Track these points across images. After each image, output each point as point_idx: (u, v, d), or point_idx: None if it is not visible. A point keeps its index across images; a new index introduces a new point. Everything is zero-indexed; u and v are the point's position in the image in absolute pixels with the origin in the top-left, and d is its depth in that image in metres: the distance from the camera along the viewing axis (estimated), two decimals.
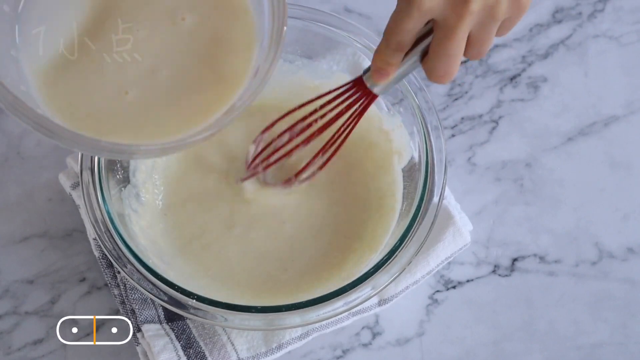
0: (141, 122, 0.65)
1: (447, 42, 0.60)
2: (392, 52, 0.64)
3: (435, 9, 0.59)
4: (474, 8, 0.58)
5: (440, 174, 0.76)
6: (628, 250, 0.87)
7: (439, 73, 0.63)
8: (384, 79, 0.67)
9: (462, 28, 0.59)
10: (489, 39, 0.62)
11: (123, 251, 0.73)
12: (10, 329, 0.82)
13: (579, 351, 0.83)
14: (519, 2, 0.59)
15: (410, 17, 0.60)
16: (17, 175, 0.88)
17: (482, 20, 0.60)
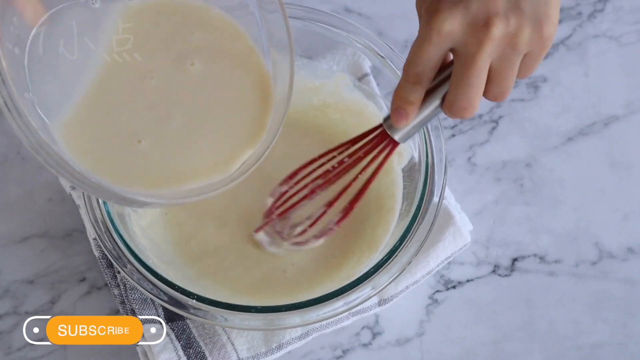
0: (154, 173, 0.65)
1: (467, 71, 0.58)
2: (411, 87, 0.61)
3: (456, 34, 0.57)
4: (495, 34, 0.56)
5: (440, 174, 0.76)
6: (628, 250, 0.87)
7: (460, 105, 0.60)
8: (404, 120, 0.63)
9: (483, 55, 0.57)
10: (511, 75, 0.59)
11: (123, 251, 0.73)
12: (10, 329, 0.82)
13: (579, 351, 0.83)
14: (542, 34, 0.57)
15: (430, 42, 0.58)
16: (17, 175, 0.88)
17: (503, 51, 0.58)
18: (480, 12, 0.57)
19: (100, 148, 0.65)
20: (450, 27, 0.57)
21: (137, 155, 0.66)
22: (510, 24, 0.57)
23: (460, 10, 0.57)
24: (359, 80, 0.86)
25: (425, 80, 0.61)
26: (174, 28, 0.69)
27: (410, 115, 0.63)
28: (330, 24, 0.82)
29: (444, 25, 0.57)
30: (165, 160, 0.66)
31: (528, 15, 0.57)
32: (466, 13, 0.57)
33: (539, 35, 0.57)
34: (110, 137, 0.66)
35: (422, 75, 0.61)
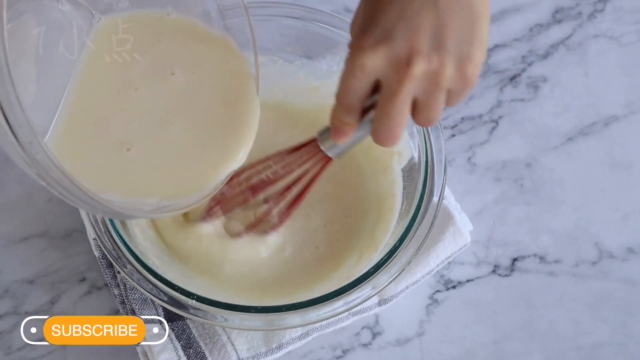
0: (146, 182, 0.67)
1: (389, 105, 0.59)
2: (345, 113, 0.63)
3: (378, 70, 0.58)
4: (415, 72, 0.57)
5: (440, 174, 0.76)
6: (628, 250, 0.87)
7: (382, 136, 0.62)
8: (343, 138, 0.65)
9: (403, 92, 0.58)
10: (436, 108, 0.60)
11: (123, 251, 0.73)
12: (10, 329, 0.82)
13: (579, 351, 0.83)
14: (464, 73, 0.58)
15: (354, 77, 0.59)
16: (17, 175, 0.88)
17: (426, 86, 0.58)
18: (402, 49, 0.57)
19: (90, 158, 0.67)
20: (372, 64, 0.58)
21: (128, 163, 0.67)
22: (432, 61, 0.57)
23: (383, 47, 0.57)
24: None
25: (356, 108, 0.62)
26: (154, 38, 0.71)
27: (349, 134, 0.65)
28: (330, 24, 0.82)
29: (366, 63, 0.58)
30: (156, 168, 0.68)
31: (451, 53, 0.57)
32: (389, 50, 0.57)
33: (461, 74, 0.58)
34: (99, 147, 0.67)
35: (352, 104, 0.62)
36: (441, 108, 0.60)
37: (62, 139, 0.67)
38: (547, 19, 0.96)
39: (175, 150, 0.69)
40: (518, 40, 0.95)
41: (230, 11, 0.73)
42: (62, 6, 0.67)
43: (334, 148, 0.69)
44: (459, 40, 0.57)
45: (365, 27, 0.59)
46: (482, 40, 0.58)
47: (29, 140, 0.54)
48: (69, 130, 0.67)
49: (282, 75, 0.85)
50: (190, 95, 0.71)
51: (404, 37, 0.57)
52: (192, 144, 0.70)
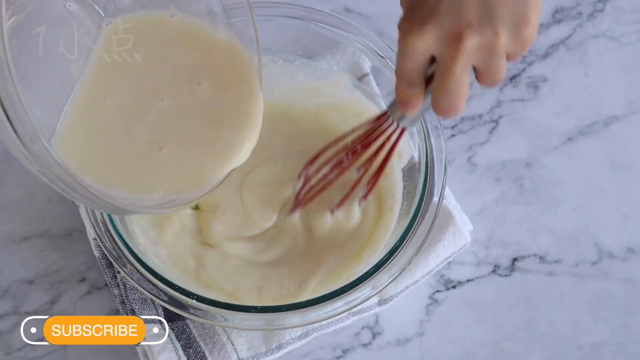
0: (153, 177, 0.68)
1: (445, 79, 0.59)
2: (408, 88, 0.63)
3: (431, 48, 0.58)
4: (468, 46, 0.57)
5: (440, 174, 0.76)
6: (628, 250, 0.87)
7: (442, 108, 0.61)
8: (411, 109, 0.64)
9: (457, 66, 0.58)
10: (498, 71, 0.60)
11: (123, 251, 0.73)
12: (10, 329, 0.82)
13: (579, 351, 0.83)
14: (522, 37, 0.57)
15: (408, 58, 0.59)
16: (17, 175, 0.88)
17: (483, 56, 0.58)
18: (452, 26, 0.57)
19: (95, 155, 0.67)
20: (423, 45, 0.58)
21: (134, 159, 0.67)
22: (484, 33, 0.56)
23: (432, 26, 0.57)
24: (359, 80, 0.86)
25: (418, 81, 0.62)
26: (157, 41, 0.71)
27: (417, 104, 0.64)
28: (330, 24, 0.82)
29: (417, 44, 0.58)
30: (163, 163, 0.68)
31: (505, 19, 0.56)
32: (438, 28, 0.57)
33: (518, 38, 0.57)
34: (105, 144, 0.67)
35: (413, 79, 0.62)
36: (503, 69, 0.60)
37: (68, 137, 0.67)
38: (547, 19, 0.96)
39: (181, 146, 0.69)
40: None
41: (234, 10, 0.73)
42: (70, 6, 0.68)
43: (405, 119, 0.68)
44: (512, 4, 0.56)
45: (412, 7, 0.58)
46: (536, 0, 0.57)
47: (30, 137, 0.54)
48: (75, 128, 0.67)
49: (282, 75, 0.85)
50: (196, 95, 0.71)
51: (451, 12, 0.56)
52: (198, 140, 0.70)
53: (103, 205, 0.60)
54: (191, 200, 0.69)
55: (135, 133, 0.69)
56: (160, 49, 0.71)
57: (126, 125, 0.69)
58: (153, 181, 0.68)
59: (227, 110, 0.71)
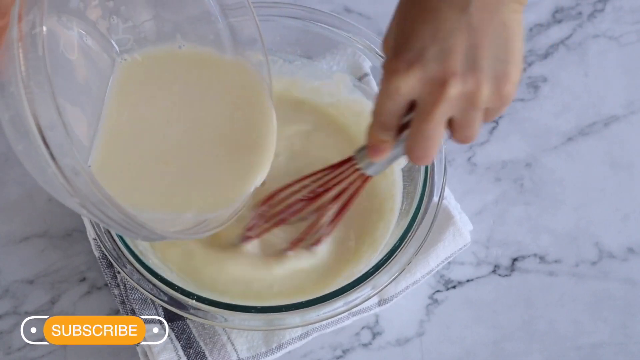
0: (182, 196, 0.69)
1: (423, 125, 0.59)
2: (381, 132, 0.63)
3: (413, 92, 0.58)
4: (451, 94, 0.57)
5: (440, 174, 0.76)
6: (628, 250, 0.87)
7: (416, 154, 0.61)
8: (379, 156, 0.65)
9: (438, 112, 0.58)
10: (473, 126, 0.60)
11: (123, 251, 0.73)
12: (10, 329, 0.82)
13: (579, 351, 0.83)
14: (502, 92, 0.57)
15: (389, 99, 0.59)
16: (17, 175, 0.88)
17: (462, 107, 0.58)
18: (437, 72, 0.57)
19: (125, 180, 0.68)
20: (407, 87, 0.58)
21: (164, 181, 0.69)
22: (467, 82, 0.57)
23: (417, 69, 0.57)
24: (359, 80, 0.86)
25: (393, 126, 0.62)
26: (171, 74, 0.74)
27: (386, 151, 0.65)
28: (330, 24, 0.82)
29: (401, 85, 0.58)
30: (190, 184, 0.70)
31: (487, 73, 0.57)
32: (423, 72, 0.57)
33: (498, 93, 0.58)
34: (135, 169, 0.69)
35: (389, 122, 0.62)
36: (479, 126, 0.60)
37: (97, 166, 0.68)
38: (547, 19, 0.96)
39: (206, 168, 0.71)
40: None
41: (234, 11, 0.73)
42: (86, 40, 0.69)
43: (372, 166, 0.69)
44: (495, 59, 0.57)
45: (399, 49, 0.59)
46: (517, 57, 0.57)
47: (75, 171, 0.54)
48: (102, 157, 0.68)
49: (282, 76, 0.85)
50: (213, 117, 0.72)
51: (437, 59, 0.57)
52: (221, 161, 0.71)
53: (143, 234, 0.60)
54: (221, 223, 0.70)
55: (160, 157, 0.70)
56: (174, 79, 0.73)
57: (151, 150, 0.70)
58: (184, 201, 0.69)
59: (244, 130, 0.73)
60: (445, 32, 0.56)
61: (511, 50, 0.57)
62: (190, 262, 0.77)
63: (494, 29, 0.56)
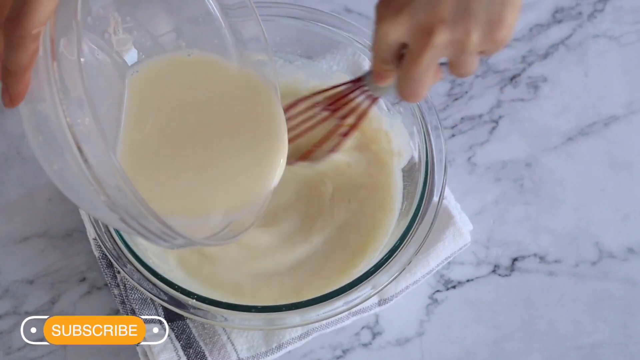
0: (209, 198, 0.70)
1: (411, 69, 0.59)
2: (382, 64, 0.64)
3: (402, 37, 0.59)
4: (438, 42, 0.57)
5: (440, 174, 0.76)
6: (628, 250, 0.87)
7: (405, 93, 0.62)
8: (384, 81, 0.66)
9: (424, 58, 0.58)
10: (468, 66, 0.60)
11: (123, 251, 0.73)
12: (10, 329, 0.82)
13: (579, 351, 0.83)
14: (495, 37, 0.57)
15: (380, 41, 0.60)
16: (17, 175, 0.88)
17: (453, 52, 0.58)
18: (425, 19, 0.57)
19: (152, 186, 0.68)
20: (395, 33, 0.58)
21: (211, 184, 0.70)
22: (456, 30, 0.56)
23: (405, 16, 0.57)
24: None
25: (391, 60, 0.63)
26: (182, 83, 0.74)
27: (389, 78, 0.66)
28: (330, 24, 0.82)
29: (389, 31, 0.58)
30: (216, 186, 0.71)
31: (479, 18, 0.56)
32: (411, 19, 0.57)
33: (492, 38, 0.57)
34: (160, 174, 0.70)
35: (386, 58, 0.62)
36: (474, 65, 0.60)
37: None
38: (547, 19, 0.96)
39: (227, 170, 0.71)
40: (518, 40, 0.95)
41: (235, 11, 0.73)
42: (98, 55, 0.69)
43: (379, 89, 0.70)
44: (489, 3, 0.55)
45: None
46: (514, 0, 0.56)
47: (118, 188, 0.54)
48: (127, 167, 0.68)
49: (282, 76, 0.85)
50: (226, 120, 0.73)
51: (426, 6, 0.56)
52: (240, 163, 0.72)
53: (178, 243, 0.60)
54: (247, 226, 0.70)
55: (182, 163, 0.70)
56: (187, 86, 0.74)
57: (173, 157, 0.70)
58: (210, 204, 0.70)
59: (257, 131, 0.73)
60: None
61: None
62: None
63: None
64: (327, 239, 0.80)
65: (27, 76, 0.54)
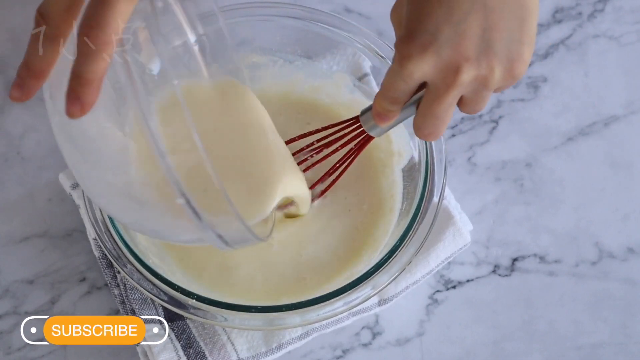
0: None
1: (434, 106, 0.60)
2: (390, 104, 0.64)
3: (427, 77, 0.59)
4: (464, 80, 0.57)
5: (440, 174, 0.76)
6: (628, 250, 0.87)
7: (425, 132, 0.63)
8: (386, 122, 0.66)
9: (450, 96, 0.58)
10: (483, 103, 0.61)
11: (123, 251, 0.73)
12: (10, 329, 0.82)
13: (579, 351, 0.83)
14: (513, 73, 0.58)
15: (402, 80, 0.60)
16: (17, 175, 0.88)
17: (475, 89, 0.59)
18: (451, 58, 0.57)
19: None
20: (421, 72, 0.58)
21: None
22: (481, 67, 0.57)
23: (431, 55, 0.57)
24: (359, 80, 0.86)
25: (401, 102, 0.63)
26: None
27: (392, 119, 0.66)
28: (330, 24, 0.82)
29: (415, 70, 0.58)
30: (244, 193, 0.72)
31: (500, 56, 0.57)
32: (437, 58, 0.57)
33: (510, 74, 0.58)
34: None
35: (398, 99, 0.63)
36: (487, 101, 0.61)
37: None
38: (547, 19, 0.96)
39: (234, 185, 0.71)
40: None
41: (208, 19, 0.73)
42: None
43: (376, 129, 0.70)
44: (509, 40, 0.56)
45: (411, 29, 0.58)
46: (531, 37, 0.57)
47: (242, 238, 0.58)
48: None
49: (282, 76, 0.85)
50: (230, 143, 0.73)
51: (451, 43, 0.56)
52: (243, 178, 0.72)
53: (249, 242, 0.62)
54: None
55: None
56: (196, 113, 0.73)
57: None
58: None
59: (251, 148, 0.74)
60: (460, 14, 0.56)
61: (526, 31, 0.57)
62: None
63: (509, 9, 0.56)
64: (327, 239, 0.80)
65: (100, 84, 0.53)
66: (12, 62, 0.88)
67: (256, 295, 0.77)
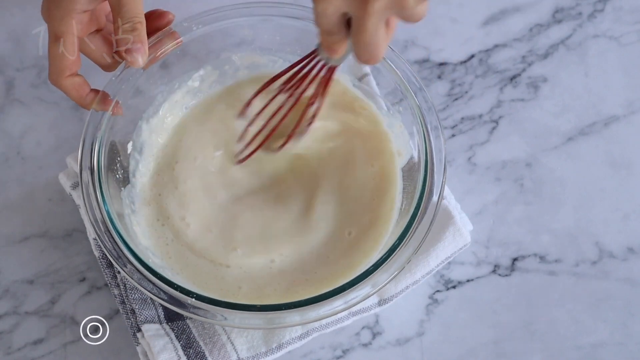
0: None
1: (360, 35, 0.61)
2: (329, 37, 0.65)
3: (342, 9, 0.60)
4: (375, 7, 0.59)
5: (440, 173, 0.76)
6: (628, 250, 0.87)
7: (364, 58, 0.64)
8: (335, 55, 0.68)
9: (368, 24, 0.60)
10: (416, 16, 0.61)
11: (123, 251, 0.73)
12: (10, 329, 0.82)
13: (579, 351, 0.83)
14: None
15: (321, 17, 0.62)
16: (17, 175, 0.88)
17: (397, 11, 0.60)
18: None
19: None
20: (333, 8, 0.60)
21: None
22: None
23: None
24: (359, 80, 0.86)
25: (337, 30, 0.64)
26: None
27: (340, 50, 0.67)
28: None
29: (327, 6, 0.60)
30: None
31: None
32: None
33: None
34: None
35: (331, 30, 0.64)
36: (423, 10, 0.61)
37: None
38: (547, 19, 0.96)
39: None
40: (518, 40, 0.95)
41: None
42: None
43: (335, 59, 0.70)
44: None
45: None
46: None
47: None
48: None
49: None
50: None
51: None
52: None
53: None
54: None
55: None
56: None
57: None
58: None
59: None
60: None
61: None
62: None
63: None
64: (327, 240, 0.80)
65: None
66: (12, 62, 0.88)
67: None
